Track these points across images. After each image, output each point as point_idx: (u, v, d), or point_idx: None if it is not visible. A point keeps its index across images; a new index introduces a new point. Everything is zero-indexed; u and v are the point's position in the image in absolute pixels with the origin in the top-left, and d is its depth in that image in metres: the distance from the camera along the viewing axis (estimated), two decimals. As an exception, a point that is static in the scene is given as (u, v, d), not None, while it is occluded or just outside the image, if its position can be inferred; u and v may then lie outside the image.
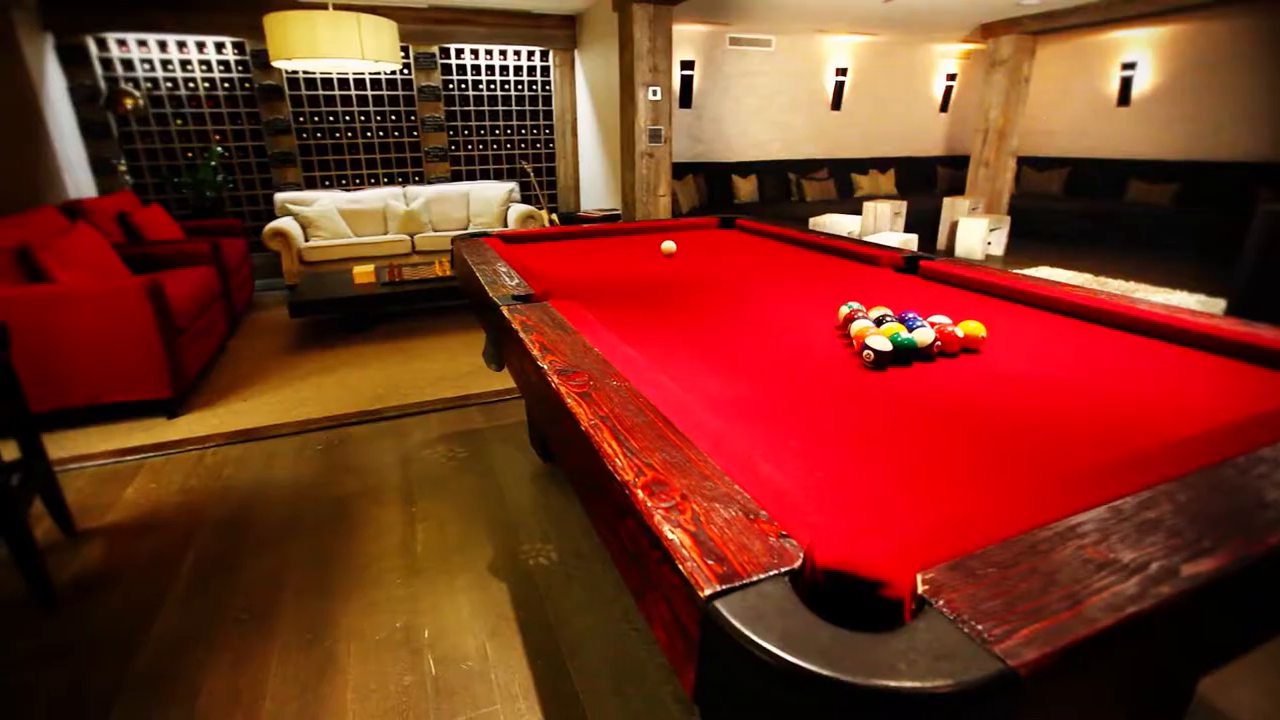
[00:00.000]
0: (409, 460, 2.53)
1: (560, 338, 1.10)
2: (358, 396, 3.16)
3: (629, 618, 1.68)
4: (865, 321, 1.21)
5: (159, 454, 2.65)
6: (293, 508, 2.22)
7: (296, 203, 5.45)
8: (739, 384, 1.05)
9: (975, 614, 0.51)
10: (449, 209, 5.87)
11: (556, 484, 2.32)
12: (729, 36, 6.85)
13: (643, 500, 0.65)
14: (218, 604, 1.77)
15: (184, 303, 3.18)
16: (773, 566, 0.57)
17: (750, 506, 0.65)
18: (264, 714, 1.43)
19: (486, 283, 1.50)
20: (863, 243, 2.08)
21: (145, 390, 2.91)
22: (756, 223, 2.58)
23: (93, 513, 2.23)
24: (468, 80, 6.37)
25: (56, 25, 5.03)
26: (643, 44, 4.84)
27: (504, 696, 1.46)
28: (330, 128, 6.03)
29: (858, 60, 7.65)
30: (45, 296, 2.72)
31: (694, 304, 1.53)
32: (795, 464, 0.81)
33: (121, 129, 5.48)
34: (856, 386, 1.04)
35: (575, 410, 0.83)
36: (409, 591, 1.80)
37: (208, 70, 5.58)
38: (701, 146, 7.15)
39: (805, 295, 1.61)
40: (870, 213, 5.99)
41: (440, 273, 4.32)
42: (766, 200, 7.26)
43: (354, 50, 3.76)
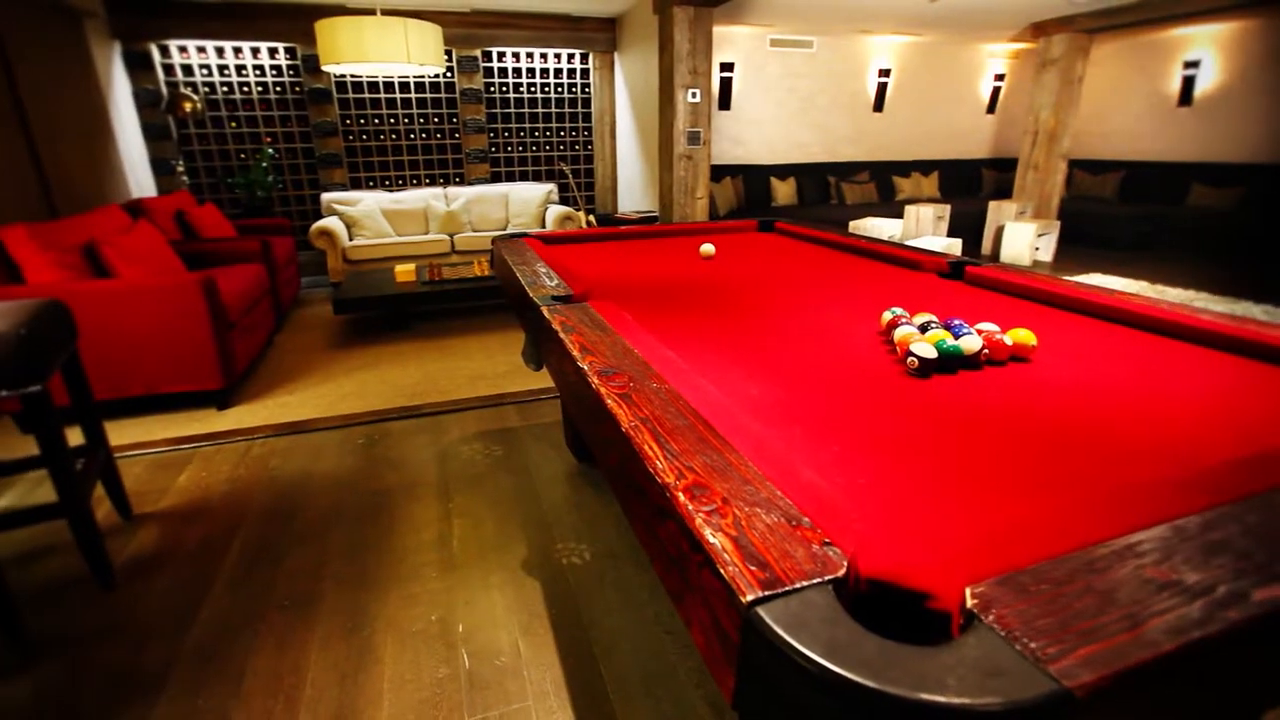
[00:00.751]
0: (446, 456, 2.57)
1: (600, 339, 1.10)
2: (398, 392, 3.23)
3: (661, 621, 1.68)
4: (909, 328, 1.19)
5: (210, 444, 2.75)
6: (334, 499, 2.28)
7: (342, 203, 5.60)
8: (779, 388, 1.04)
9: (1028, 631, 0.49)
10: (488, 210, 5.96)
11: (590, 484, 2.34)
12: (770, 38, 6.80)
13: (684, 503, 0.65)
14: (263, 590, 1.83)
15: (235, 298, 3.30)
16: (816, 574, 0.56)
17: (792, 512, 0.65)
18: (305, 699, 1.47)
19: (526, 283, 1.52)
20: (905, 247, 2.04)
21: (198, 382, 3.03)
22: (796, 225, 2.55)
23: (148, 498, 2.33)
24: (509, 83, 6.46)
25: (124, 33, 5.28)
26: (683, 46, 4.84)
27: (536, 693, 1.48)
28: (375, 130, 6.18)
29: (901, 61, 7.51)
30: (109, 290, 2.85)
31: (733, 307, 1.52)
32: (837, 471, 0.79)
33: (180, 131, 5.72)
34: (900, 393, 1.02)
35: (615, 411, 0.83)
36: (445, 585, 1.83)
37: (261, 75, 5.78)
38: (740, 149, 7.11)
39: (846, 300, 1.59)
40: (912, 216, 5.87)
41: (479, 272, 4.39)
42: (805, 203, 7.18)
43: (400, 54, 3.85)
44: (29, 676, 1.55)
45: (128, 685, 1.51)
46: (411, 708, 1.44)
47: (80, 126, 4.53)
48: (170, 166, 5.68)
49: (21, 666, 1.58)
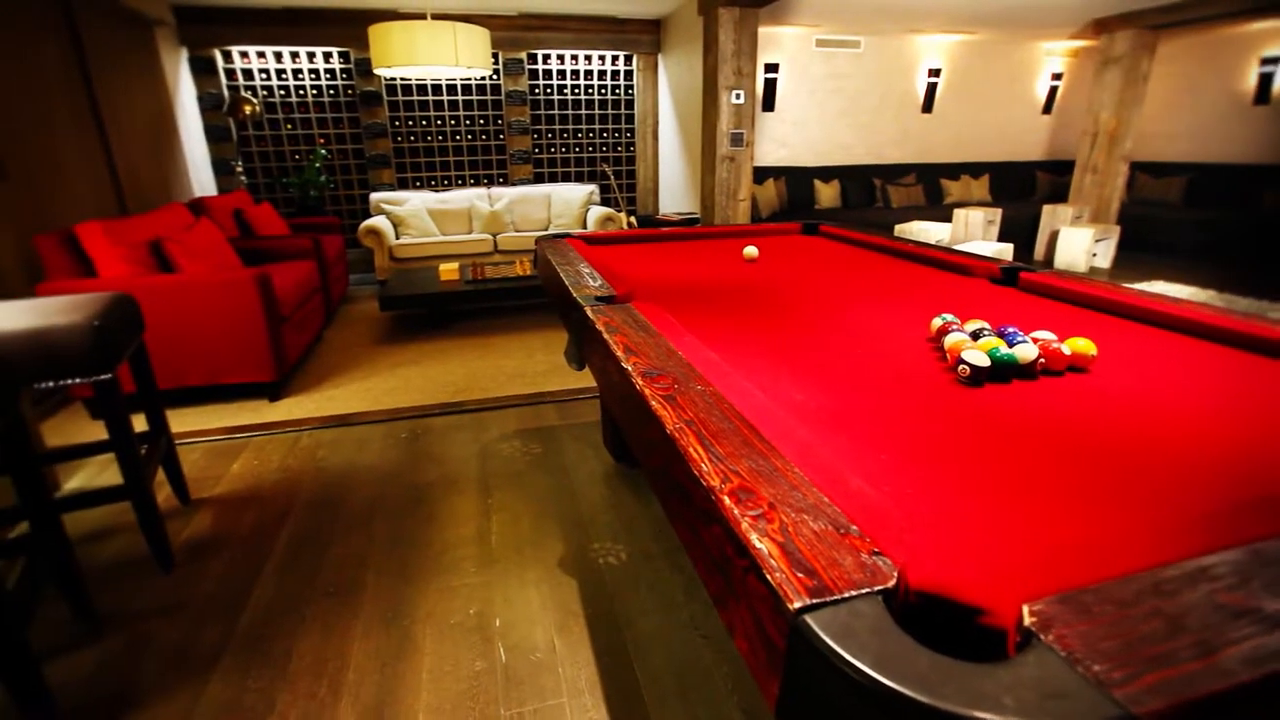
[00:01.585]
0: (486, 453, 2.61)
1: (644, 340, 1.10)
2: (440, 389, 3.30)
3: (697, 624, 1.67)
4: (960, 335, 1.16)
5: (262, 434, 2.85)
6: (378, 491, 2.34)
7: (389, 202, 5.74)
8: (825, 394, 1.02)
9: (1090, 653, 0.47)
10: (531, 210, 6.03)
11: (628, 485, 2.34)
12: (815, 38, 6.71)
13: (729, 507, 0.64)
14: (309, 577, 1.89)
15: (288, 294, 3.42)
16: (865, 584, 0.55)
17: (840, 520, 0.64)
18: (347, 684, 1.51)
19: (570, 283, 1.54)
20: (955, 251, 1.99)
21: (252, 374, 3.15)
22: (841, 229, 2.51)
23: (205, 484, 2.43)
24: (553, 85, 6.53)
25: (190, 40, 5.53)
26: (727, 47, 4.81)
27: (570, 691, 1.48)
28: (423, 131, 6.33)
29: (953, 60, 7.32)
30: (172, 285, 2.99)
31: (778, 310, 1.51)
32: (886, 479, 0.78)
33: (240, 133, 5.96)
34: (951, 402, 0.99)
35: (660, 413, 0.83)
36: (483, 580, 1.86)
37: (315, 78, 5.98)
38: (784, 150, 7.03)
39: (894, 305, 1.55)
40: (961, 220, 5.71)
41: (521, 272, 4.45)
42: (849, 206, 7.06)
43: (449, 57, 3.93)
44: (93, 649, 1.63)
45: (183, 662, 1.58)
46: (449, 699, 1.47)
47: (149, 129, 4.76)
48: (230, 167, 5.92)
49: (87, 640, 1.66)
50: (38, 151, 3.43)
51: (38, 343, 1.58)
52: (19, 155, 3.26)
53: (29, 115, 3.40)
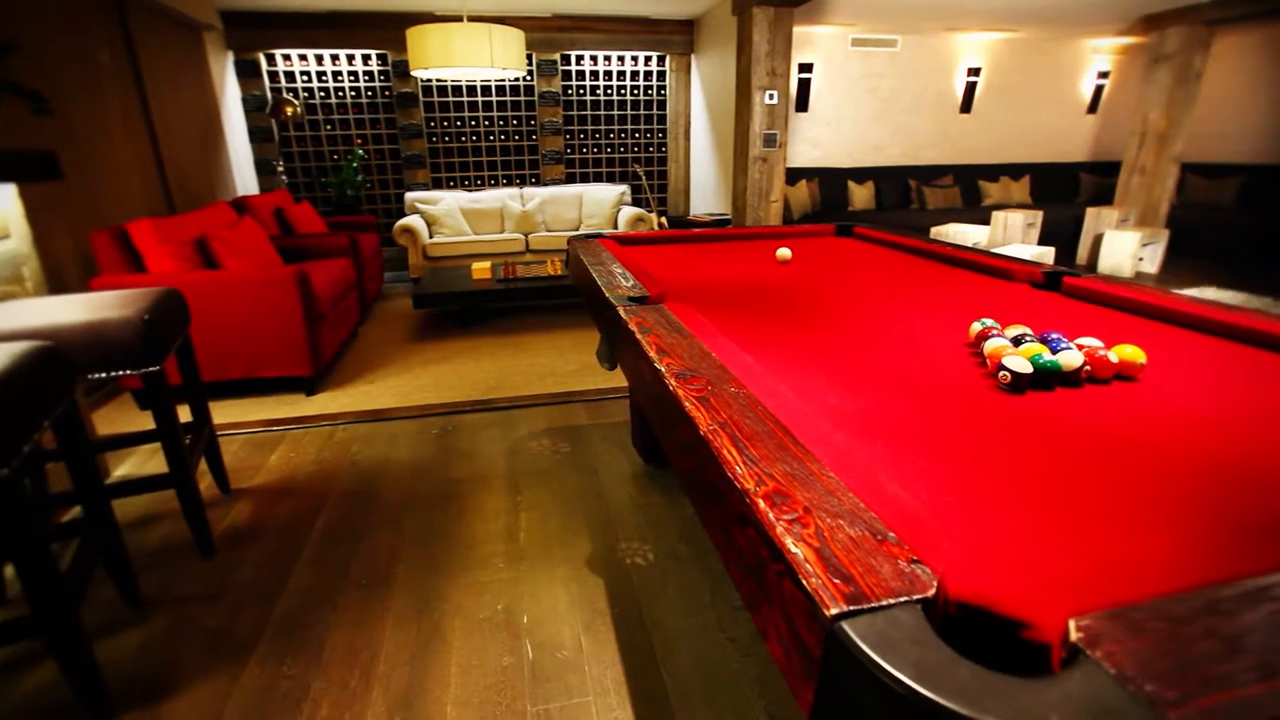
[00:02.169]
0: (516, 450, 2.64)
1: (677, 341, 1.10)
2: (471, 386, 3.34)
3: (724, 627, 1.66)
4: (1001, 340, 1.13)
5: (298, 427, 2.92)
6: (409, 486, 2.38)
7: (424, 201, 5.84)
8: (861, 398, 1.01)
9: (1142, 672, 0.45)
10: (562, 210, 6.07)
11: (656, 486, 2.34)
12: (851, 37, 6.63)
13: (764, 511, 0.64)
14: (342, 568, 1.93)
15: (325, 291, 3.50)
16: (904, 592, 0.54)
17: (877, 527, 0.63)
18: (378, 674, 1.54)
19: (603, 283, 1.54)
20: (994, 255, 1.94)
21: (289, 368, 3.23)
22: (876, 231, 2.47)
23: (244, 474, 2.50)
24: (585, 85, 6.56)
25: (236, 43, 5.70)
26: (761, 47, 4.78)
27: (596, 689, 1.49)
28: (457, 132, 6.42)
29: (993, 59, 7.15)
30: (216, 281, 3.08)
31: (812, 313, 1.49)
32: (924, 486, 0.76)
33: (281, 134, 6.12)
34: (990, 409, 0.97)
35: (694, 414, 0.83)
36: (511, 576, 1.88)
37: (354, 80, 6.11)
38: (817, 151, 6.96)
39: (931, 309, 1.52)
40: (999, 223, 5.58)
41: (551, 271, 4.48)
42: (884, 207, 6.95)
43: (484, 59, 3.98)
44: (138, 630, 1.69)
45: (222, 646, 1.63)
46: (477, 692, 1.49)
47: (196, 130, 4.92)
48: (271, 166, 6.08)
49: (132, 621, 1.72)
50: (93, 152, 3.57)
51: (92, 335, 1.64)
52: (76, 156, 3.40)
53: (86, 117, 3.54)
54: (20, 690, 1.51)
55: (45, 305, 1.70)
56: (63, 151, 3.25)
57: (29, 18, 3.17)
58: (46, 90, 3.09)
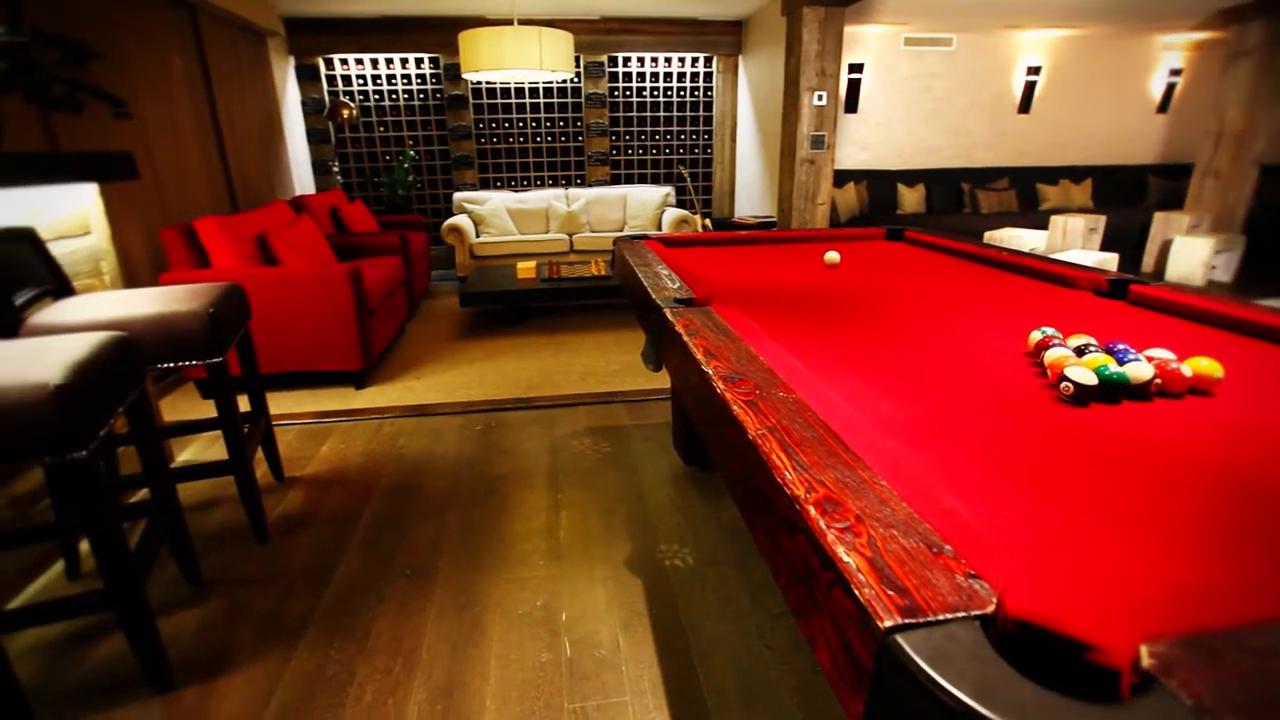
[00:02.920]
0: (557, 449, 2.66)
1: (724, 344, 1.09)
2: (514, 384, 3.39)
3: (762, 634, 1.64)
4: (1063, 350, 1.08)
5: (348, 419, 3.02)
6: (452, 480, 2.43)
7: (471, 201, 5.96)
8: (913, 406, 0.98)
9: (1221, 705, 0.43)
10: (606, 211, 6.11)
11: (697, 488, 2.33)
12: (904, 36, 6.48)
13: (815, 518, 0.63)
14: (388, 558, 1.98)
15: (376, 288, 3.60)
16: (961, 607, 0.52)
17: (932, 539, 0.61)
18: (420, 664, 1.57)
19: (649, 285, 1.54)
20: (1055, 261, 1.87)
21: (341, 362, 3.34)
22: (929, 235, 2.41)
23: (297, 464, 2.59)
24: (632, 87, 6.59)
25: (297, 49, 5.92)
26: (811, 47, 4.71)
27: (633, 690, 1.49)
28: (505, 133, 6.53)
29: (1054, 57, 6.89)
30: (275, 277, 3.20)
31: (862, 317, 1.46)
32: (980, 498, 0.74)
33: (337, 135, 6.33)
34: (1051, 421, 0.93)
35: (742, 418, 0.82)
36: (550, 573, 1.89)
37: (407, 83, 6.28)
38: (866, 153, 6.82)
39: (986, 316, 1.47)
40: (1058, 227, 5.37)
41: (595, 272, 4.51)
42: (934, 211, 6.77)
43: (534, 61, 4.04)
44: (198, 609, 1.77)
45: (275, 629, 1.69)
46: (515, 687, 1.51)
47: (259, 132, 5.13)
48: (327, 167, 6.30)
49: (193, 600, 1.81)
50: (165, 153, 3.76)
51: (162, 327, 1.73)
52: (150, 156, 3.58)
53: (159, 120, 3.73)
54: (91, 660, 1.60)
55: (120, 298, 1.80)
56: (138, 152, 3.44)
57: (112, 27, 3.36)
58: (126, 95, 3.27)
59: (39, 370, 1.17)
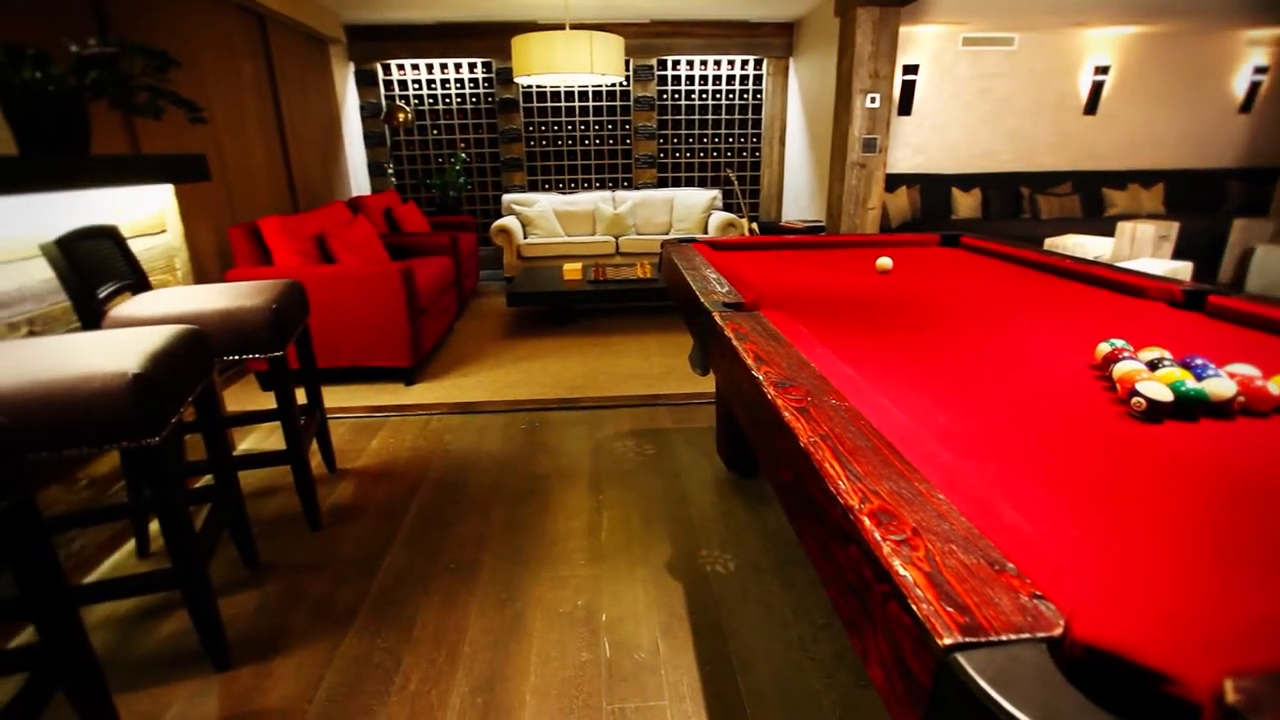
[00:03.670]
0: (600, 450, 2.68)
1: (775, 349, 1.08)
2: (558, 384, 3.42)
3: (805, 645, 1.61)
4: (1134, 363, 1.03)
5: (397, 414, 3.10)
6: (497, 478, 2.47)
7: (520, 203, 6.05)
8: (971, 417, 0.95)
9: (1319, 748, 0.40)
10: (653, 214, 6.12)
11: (740, 494, 2.31)
12: (962, 36, 6.29)
13: (869, 529, 0.61)
14: (434, 551, 2.02)
15: (427, 287, 3.70)
16: (1026, 629, 0.50)
17: (993, 555, 0.59)
18: (463, 656, 1.60)
19: (698, 288, 1.54)
20: (1124, 270, 1.78)
21: (391, 359, 3.43)
22: (987, 241, 2.33)
23: (349, 456, 2.68)
24: (681, 90, 6.59)
25: (357, 56, 6.14)
26: (864, 49, 4.62)
27: (672, 695, 1.48)
28: (554, 136, 6.61)
29: (1124, 56, 6.58)
30: (332, 275, 3.32)
31: (916, 325, 1.42)
32: (1044, 515, 0.71)
33: (392, 138, 6.53)
34: (1121, 438, 0.89)
35: (793, 425, 0.81)
36: (592, 573, 1.90)
37: (460, 87, 6.43)
38: (920, 157, 6.65)
39: (1049, 326, 1.42)
40: (1126, 234, 5.11)
41: (641, 274, 4.52)
42: (991, 217, 6.55)
43: (585, 65, 4.08)
44: (255, 592, 1.85)
45: (326, 614, 1.75)
46: (555, 684, 1.52)
47: (319, 135, 5.33)
48: (382, 168, 6.50)
49: (250, 583, 1.88)
50: (234, 155, 3.95)
51: (228, 321, 1.81)
52: (219, 158, 3.76)
53: (230, 125, 3.92)
54: (156, 635, 1.68)
55: (191, 293, 1.89)
56: (209, 154, 3.61)
57: (189, 36, 3.55)
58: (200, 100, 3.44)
59: (119, 360, 1.24)
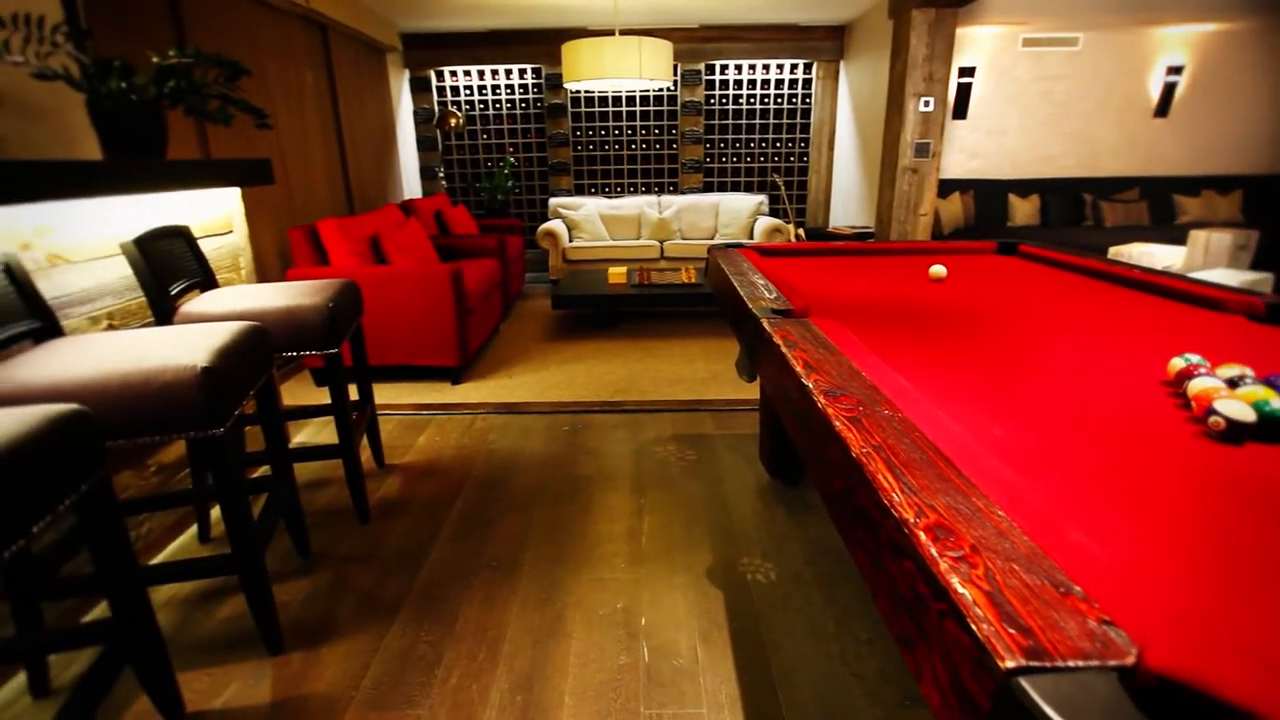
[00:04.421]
0: (642, 453, 2.68)
1: (824, 357, 1.06)
2: (601, 387, 3.44)
3: (848, 661, 1.57)
4: (1211, 380, 0.98)
5: (443, 413, 3.17)
6: (539, 478, 2.50)
7: (566, 207, 6.12)
8: (1032, 432, 0.91)
9: None
10: (698, 219, 6.11)
11: (782, 502, 2.28)
12: (1023, 37, 6.09)
13: (925, 544, 0.60)
14: (477, 548, 2.06)
15: (474, 288, 3.77)
16: (1095, 656, 0.48)
17: (1059, 577, 0.56)
18: (503, 654, 1.62)
19: (745, 294, 1.52)
20: (1199, 281, 1.69)
21: (439, 358, 3.51)
22: (1047, 249, 2.24)
23: (396, 452, 2.75)
24: (729, 95, 6.56)
25: (412, 63, 6.32)
26: (919, 51, 4.52)
27: (711, 703, 1.47)
28: (601, 140, 6.67)
29: (1201, 54, 6.25)
30: (385, 275, 3.42)
31: (972, 336, 1.38)
32: (1114, 538, 0.67)
33: (444, 142, 6.69)
34: (1196, 459, 0.84)
35: (844, 435, 0.79)
36: (632, 577, 1.90)
37: (510, 93, 6.55)
38: (974, 161, 6.46)
39: (1116, 340, 1.35)
40: (1199, 243, 4.85)
41: (685, 279, 4.51)
42: (1050, 224, 6.30)
43: (634, 70, 4.11)
44: (306, 581, 1.91)
45: (373, 606, 1.80)
46: (593, 686, 1.52)
47: (375, 140, 5.51)
48: (434, 172, 6.67)
49: (302, 572, 1.95)
50: (295, 159, 4.11)
51: (288, 319, 1.88)
52: (283, 163, 3.93)
53: (292, 130, 4.08)
54: (215, 618, 1.76)
55: (254, 291, 1.97)
56: (273, 158, 3.77)
57: (257, 46, 3.72)
58: (265, 106, 3.60)
59: (190, 354, 1.30)
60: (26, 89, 1.97)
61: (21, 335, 1.39)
